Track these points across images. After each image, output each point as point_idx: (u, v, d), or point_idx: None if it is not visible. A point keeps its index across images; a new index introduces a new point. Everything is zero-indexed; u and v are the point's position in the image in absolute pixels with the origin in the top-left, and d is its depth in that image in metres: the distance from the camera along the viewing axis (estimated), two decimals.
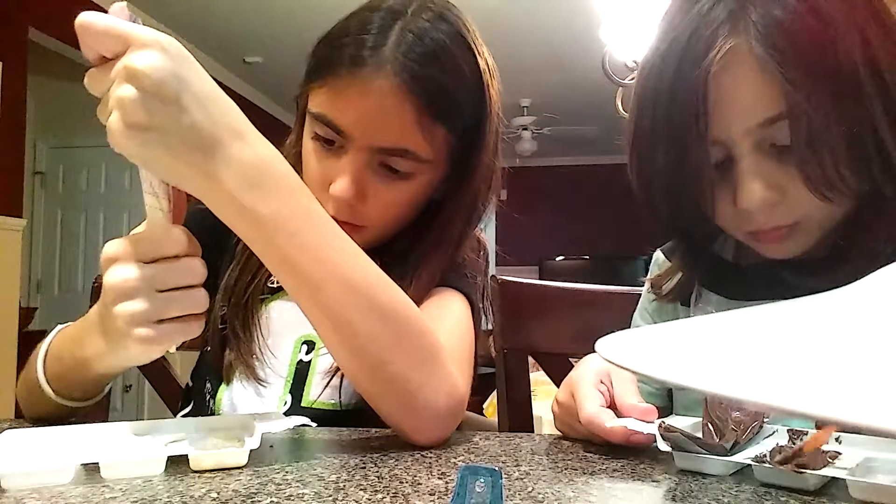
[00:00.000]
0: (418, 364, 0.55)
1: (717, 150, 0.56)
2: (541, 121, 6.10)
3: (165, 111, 0.44)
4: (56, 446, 0.49)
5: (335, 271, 0.51)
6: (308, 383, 0.72)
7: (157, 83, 0.43)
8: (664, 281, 0.74)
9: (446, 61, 0.66)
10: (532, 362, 0.98)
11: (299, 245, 0.49)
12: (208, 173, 0.46)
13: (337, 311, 0.51)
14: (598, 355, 0.26)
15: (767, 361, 0.21)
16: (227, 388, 0.73)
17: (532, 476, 0.46)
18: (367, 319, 0.52)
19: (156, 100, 0.43)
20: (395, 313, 0.54)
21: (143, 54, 0.43)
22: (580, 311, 0.98)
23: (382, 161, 0.67)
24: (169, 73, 0.44)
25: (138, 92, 0.43)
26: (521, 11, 4.14)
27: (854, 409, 0.16)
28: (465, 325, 0.70)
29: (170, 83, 0.44)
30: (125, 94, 0.43)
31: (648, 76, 0.58)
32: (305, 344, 0.73)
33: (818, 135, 0.51)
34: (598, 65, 3.45)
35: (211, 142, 0.46)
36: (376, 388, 0.55)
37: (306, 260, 0.50)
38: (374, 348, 0.53)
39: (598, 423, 0.53)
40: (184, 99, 0.44)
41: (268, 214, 0.48)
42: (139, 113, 0.43)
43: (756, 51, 0.52)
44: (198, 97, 0.45)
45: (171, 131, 0.44)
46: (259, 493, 0.41)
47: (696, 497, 0.41)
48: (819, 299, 0.26)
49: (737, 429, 0.49)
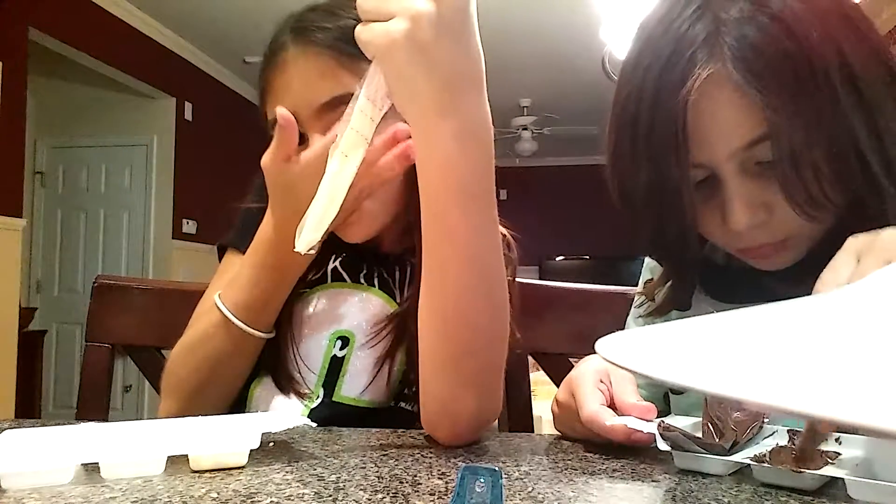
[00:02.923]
0: (496, 370, 0.57)
1: (700, 172, 0.56)
2: (541, 121, 6.11)
3: (449, 40, 0.46)
4: (56, 446, 0.49)
5: (491, 242, 0.53)
6: (341, 379, 0.72)
7: (455, 11, 0.46)
8: (657, 288, 0.73)
9: (349, 15, 0.70)
10: (532, 362, 0.98)
11: (477, 210, 0.52)
12: (442, 111, 0.48)
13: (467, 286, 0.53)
14: (597, 355, 0.26)
15: (767, 361, 0.21)
16: (261, 382, 0.74)
17: (532, 476, 0.46)
18: (486, 308, 0.54)
19: (447, 27, 0.46)
20: (501, 319, 0.56)
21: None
22: (580, 311, 0.98)
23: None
24: (465, 10, 0.46)
25: (437, 11, 0.45)
26: (522, 11, 4.14)
27: (854, 409, 0.16)
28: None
29: (465, 19, 0.46)
30: (423, 9, 0.45)
31: (627, 100, 0.58)
32: (340, 339, 0.74)
33: (800, 154, 0.51)
34: (598, 65, 3.46)
35: (461, 83, 0.48)
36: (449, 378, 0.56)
37: (470, 231, 0.52)
38: (473, 335, 0.54)
39: (599, 421, 0.53)
40: (465, 36, 0.47)
41: (466, 165, 0.50)
42: (429, 31, 0.45)
43: (734, 76, 0.51)
44: (475, 43, 0.48)
45: (442, 62, 0.47)
46: (259, 493, 0.41)
47: (696, 497, 0.41)
48: (819, 299, 0.26)
49: (737, 429, 0.49)
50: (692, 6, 0.55)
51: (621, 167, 0.60)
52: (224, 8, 4.12)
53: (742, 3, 0.53)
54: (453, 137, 0.49)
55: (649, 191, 0.58)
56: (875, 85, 0.53)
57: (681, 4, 0.56)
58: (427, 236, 0.53)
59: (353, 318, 0.74)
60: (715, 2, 0.54)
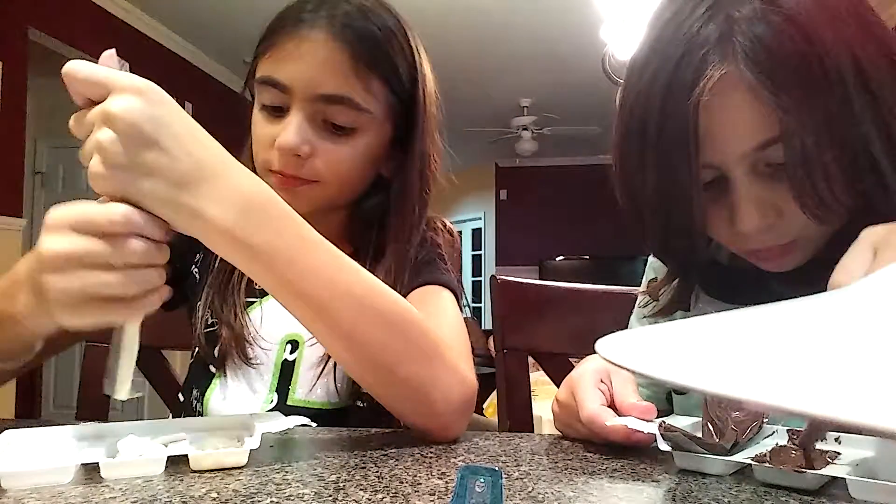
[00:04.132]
0: (427, 362, 0.56)
1: (709, 172, 0.56)
2: (541, 121, 6.11)
3: (144, 152, 0.44)
4: (56, 446, 0.49)
5: (337, 289, 0.51)
6: (294, 382, 0.73)
7: (132, 125, 0.44)
8: (661, 288, 0.73)
9: (381, 27, 0.72)
10: (532, 362, 0.98)
11: (299, 271, 0.50)
12: (195, 210, 0.46)
13: (345, 327, 0.52)
14: (598, 355, 0.26)
15: (767, 361, 0.21)
16: (217, 385, 0.74)
17: (532, 476, 0.46)
18: (375, 330, 0.53)
19: (132, 141, 0.44)
20: (399, 319, 0.54)
21: (120, 99, 0.44)
22: (580, 311, 0.98)
23: (325, 117, 0.70)
24: (143, 115, 0.44)
25: (115, 134, 0.44)
26: (521, 11, 4.14)
27: (854, 409, 0.16)
28: (459, 319, 0.72)
29: (145, 125, 0.44)
30: (103, 138, 0.44)
31: (636, 102, 0.57)
32: (290, 343, 0.75)
33: (812, 156, 0.51)
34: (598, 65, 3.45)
35: (194, 179, 0.46)
36: (392, 392, 0.56)
37: (308, 284, 0.50)
38: (385, 356, 0.54)
39: (599, 421, 0.53)
40: (162, 140, 0.45)
41: (261, 245, 0.48)
42: (117, 155, 0.44)
43: (747, 77, 0.51)
44: (177, 137, 0.46)
45: (152, 171, 0.45)
46: (259, 493, 0.41)
47: (696, 497, 0.41)
48: (819, 299, 0.26)
49: (737, 429, 0.49)
50: (703, 5, 0.54)
51: (629, 169, 0.60)
52: (224, 8, 4.12)
53: (755, 2, 0.52)
54: (229, 227, 0.47)
55: (658, 193, 0.57)
56: (886, 84, 0.52)
57: (691, 4, 0.55)
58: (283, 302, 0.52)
59: None
60: (726, 0, 0.53)
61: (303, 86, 0.68)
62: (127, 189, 0.45)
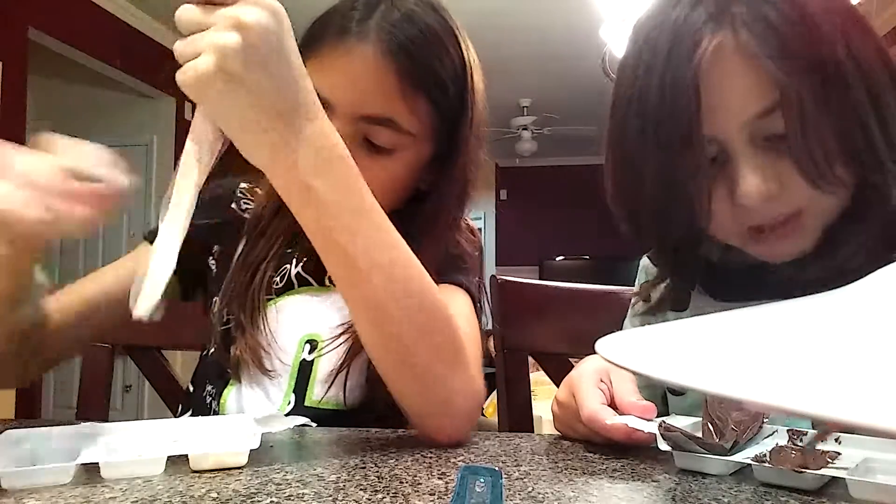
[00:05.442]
0: (450, 361, 0.56)
1: (711, 148, 0.56)
2: (541, 121, 6.10)
3: (260, 70, 0.45)
4: (56, 446, 0.49)
5: (380, 258, 0.52)
6: (311, 383, 0.72)
7: (263, 39, 0.44)
8: (653, 288, 0.73)
9: (430, 36, 0.68)
10: (532, 362, 0.98)
11: (352, 233, 0.51)
12: (282, 142, 0.47)
13: (378, 298, 0.52)
14: (598, 355, 0.26)
15: (767, 361, 0.21)
16: (233, 389, 0.73)
17: (532, 476, 0.46)
18: (405, 310, 0.53)
19: (257, 55, 0.44)
20: (431, 306, 0.55)
21: (253, 10, 0.44)
22: (580, 311, 0.98)
23: (366, 135, 0.67)
24: (274, 34, 0.45)
25: (243, 42, 0.43)
26: (522, 11, 4.14)
27: (854, 409, 0.16)
28: (474, 323, 0.71)
29: (273, 43, 0.45)
30: (228, 41, 0.43)
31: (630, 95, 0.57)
32: (308, 343, 0.73)
33: (810, 123, 0.52)
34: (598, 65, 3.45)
35: (292, 112, 0.47)
36: (408, 383, 0.56)
37: (354, 246, 0.51)
38: (409, 341, 0.54)
39: (599, 420, 0.53)
40: (280, 64, 0.45)
41: (328, 194, 0.49)
42: (237, 62, 0.43)
43: (743, 42, 0.52)
44: (291, 67, 0.47)
45: (261, 89, 0.45)
46: (259, 493, 0.41)
47: (696, 497, 0.41)
48: (819, 299, 0.26)
49: (737, 429, 0.49)
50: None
51: (625, 166, 0.60)
52: None
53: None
54: (307, 170, 0.48)
55: (658, 183, 0.57)
56: (880, 83, 0.53)
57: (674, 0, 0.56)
58: (323, 256, 0.53)
59: (320, 320, 0.73)
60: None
61: (346, 104, 0.65)
62: (223, 100, 0.45)
